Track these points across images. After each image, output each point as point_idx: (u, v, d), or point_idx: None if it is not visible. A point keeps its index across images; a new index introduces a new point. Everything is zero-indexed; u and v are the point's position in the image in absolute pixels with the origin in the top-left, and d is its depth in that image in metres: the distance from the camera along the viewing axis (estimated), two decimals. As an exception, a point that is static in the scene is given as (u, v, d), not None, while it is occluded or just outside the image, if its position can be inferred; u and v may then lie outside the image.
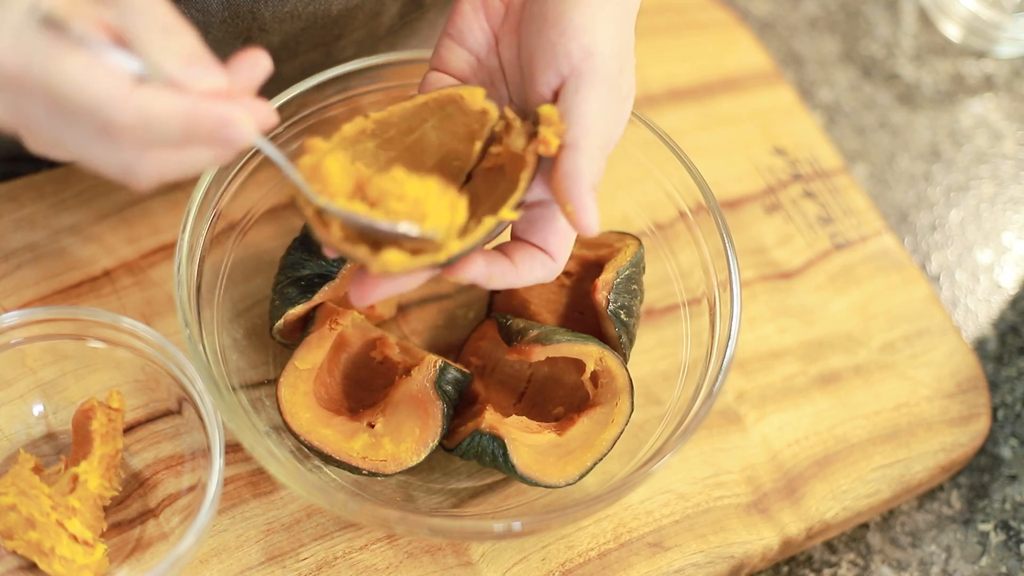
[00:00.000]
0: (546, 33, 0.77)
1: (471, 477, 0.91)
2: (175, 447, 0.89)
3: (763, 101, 1.15)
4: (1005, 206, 1.19)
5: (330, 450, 0.84)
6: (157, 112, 0.64)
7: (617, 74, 0.78)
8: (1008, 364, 1.09)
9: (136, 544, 0.86)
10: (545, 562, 0.89)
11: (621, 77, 0.78)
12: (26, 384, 0.89)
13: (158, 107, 0.64)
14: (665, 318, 0.96)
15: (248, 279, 0.93)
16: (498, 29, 0.82)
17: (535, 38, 0.78)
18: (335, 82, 0.90)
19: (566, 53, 0.76)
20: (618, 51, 0.78)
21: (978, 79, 1.26)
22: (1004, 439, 1.05)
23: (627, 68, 0.79)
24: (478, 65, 0.83)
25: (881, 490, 0.97)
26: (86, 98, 0.64)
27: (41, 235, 0.96)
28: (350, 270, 0.88)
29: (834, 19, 1.30)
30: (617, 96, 0.78)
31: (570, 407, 0.90)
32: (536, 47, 0.78)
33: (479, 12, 0.82)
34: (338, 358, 0.90)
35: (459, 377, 0.87)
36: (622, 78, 0.78)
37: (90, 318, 0.87)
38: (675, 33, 1.18)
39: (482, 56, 0.83)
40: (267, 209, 0.94)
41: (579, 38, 0.76)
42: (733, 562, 0.92)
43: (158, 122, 0.65)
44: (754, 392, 0.99)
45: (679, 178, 0.92)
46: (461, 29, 0.83)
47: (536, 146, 0.76)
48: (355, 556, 0.88)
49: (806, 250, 1.07)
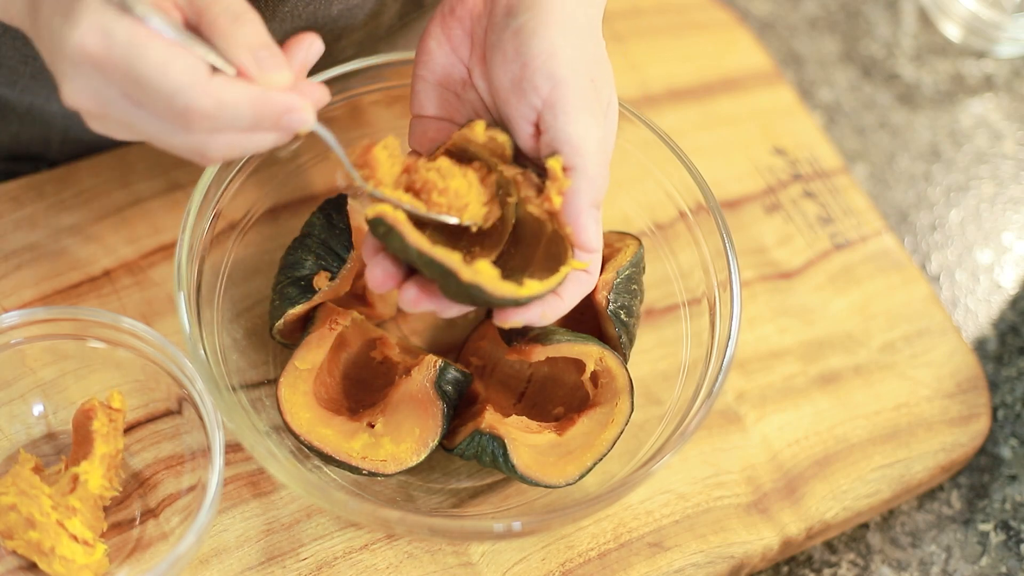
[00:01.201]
0: (509, 67, 0.77)
1: (471, 477, 0.91)
2: (175, 447, 0.89)
3: (763, 101, 1.15)
4: (1005, 206, 1.19)
5: (330, 450, 0.84)
6: (230, 100, 0.68)
7: (591, 88, 0.77)
8: (1008, 364, 1.09)
9: (136, 544, 0.86)
10: (545, 562, 0.89)
11: (597, 88, 0.78)
12: (26, 384, 0.89)
13: (231, 96, 0.68)
14: (665, 318, 0.96)
15: (248, 279, 0.93)
16: (468, 61, 0.82)
17: (500, 73, 0.78)
18: (335, 82, 0.90)
19: (533, 88, 0.76)
20: (586, 66, 0.77)
21: (978, 79, 1.26)
22: (1004, 439, 1.05)
23: (600, 77, 0.79)
24: (458, 102, 0.83)
25: (881, 490, 0.97)
26: (167, 83, 0.67)
27: (41, 235, 0.96)
28: (350, 270, 0.88)
29: (834, 19, 1.30)
30: (598, 108, 0.78)
31: (570, 407, 0.90)
32: (503, 83, 0.78)
33: (444, 47, 0.82)
34: (338, 358, 0.90)
35: (459, 377, 0.87)
36: (598, 89, 0.78)
37: (90, 318, 0.87)
38: (675, 33, 1.18)
39: (459, 91, 0.82)
40: (267, 209, 0.94)
41: (543, 68, 0.76)
42: (733, 562, 0.92)
43: (231, 109, 0.68)
44: (754, 392, 0.99)
45: (679, 178, 0.92)
46: (433, 69, 0.82)
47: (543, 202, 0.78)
48: (355, 556, 0.88)
49: (806, 250, 1.07)
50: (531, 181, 0.80)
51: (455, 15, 0.82)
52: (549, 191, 0.77)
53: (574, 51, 0.77)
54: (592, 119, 0.77)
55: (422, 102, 0.83)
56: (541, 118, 0.77)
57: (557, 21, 0.77)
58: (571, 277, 0.79)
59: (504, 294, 0.75)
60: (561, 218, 0.77)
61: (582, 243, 0.77)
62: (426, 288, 0.77)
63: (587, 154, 0.76)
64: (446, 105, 0.83)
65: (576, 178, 0.76)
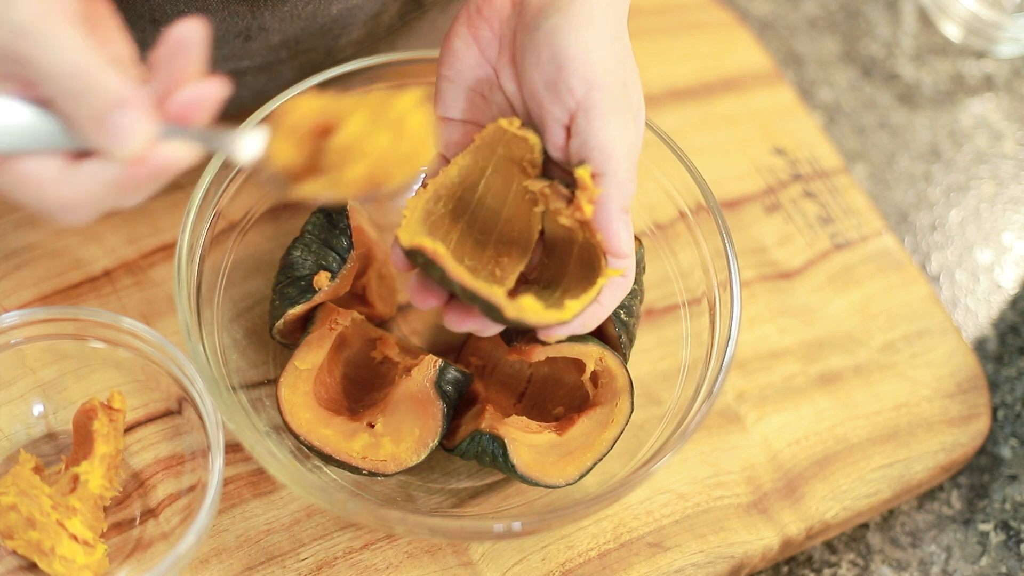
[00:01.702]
0: (543, 69, 0.76)
1: (471, 477, 0.91)
2: (175, 447, 0.89)
3: (763, 101, 1.15)
4: (1005, 206, 1.19)
5: (330, 450, 0.84)
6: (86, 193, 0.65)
7: (623, 93, 0.77)
8: (1008, 364, 1.09)
9: (136, 544, 0.86)
10: (545, 562, 0.89)
11: (628, 93, 0.77)
12: (26, 384, 0.89)
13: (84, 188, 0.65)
14: (665, 318, 0.96)
15: (248, 279, 0.93)
16: (496, 63, 0.81)
17: (533, 74, 0.77)
18: (335, 82, 0.90)
19: (568, 90, 0.76)
20: (618, 69, 0.77)
21: (978, 79, 1.26)
22: (1004, 439, 1.05)
23: (630, 81, 0.78)
24: (484, 103, 0.82)
25: (881, 490, 0.97)
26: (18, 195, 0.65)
27: (41, 235, 0.96)
28: (350, 270, 0.88)
29: (834, 19, 1.30)
30: (628, 112, 0.77)
31: (570, 407, 0.90)
32: (536, 85, 0.77)
33: (472, 48, 0.81)
34: (338, 358, 0.90)
35: (459, 377, 0.87)
36: (629, 93, 0.78)
37: (90, 318, 0.87)
38: (675, 33, 1.18)
39: (486, 93, 0.81)
40: (267, 209, 0.94)
41: (579, 72, 0.75)
42: (733, 562, 0.92)
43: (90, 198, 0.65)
44: (754, 392, 0.99)
45: (679, 178, 0.92)
46: (459, 70, 0.81)
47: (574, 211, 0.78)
48: (355, 556, 0.88)
49: (806, 250, 1.07)
50: (559, 193, 0.79)
51: (482, 15, 0.80)
52: (579, 200, 0.77)
53: (607, 54, 0.77)
54: (623, 123, 0.77)
55: (448, 104, 0.82)
56: (573, 121, 0.77)
57: (590, 23, 0.76)
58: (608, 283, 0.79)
59: (549, 321, 0.76)
60: (592, 225, 0.77)
61: (614, 249, 0.77)
62: (467, 310, 0.78)
63: (617, 159, 0.76)
64: (472, 107, 0.82)
65: (606, 184, 0.76)
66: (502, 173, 0.81)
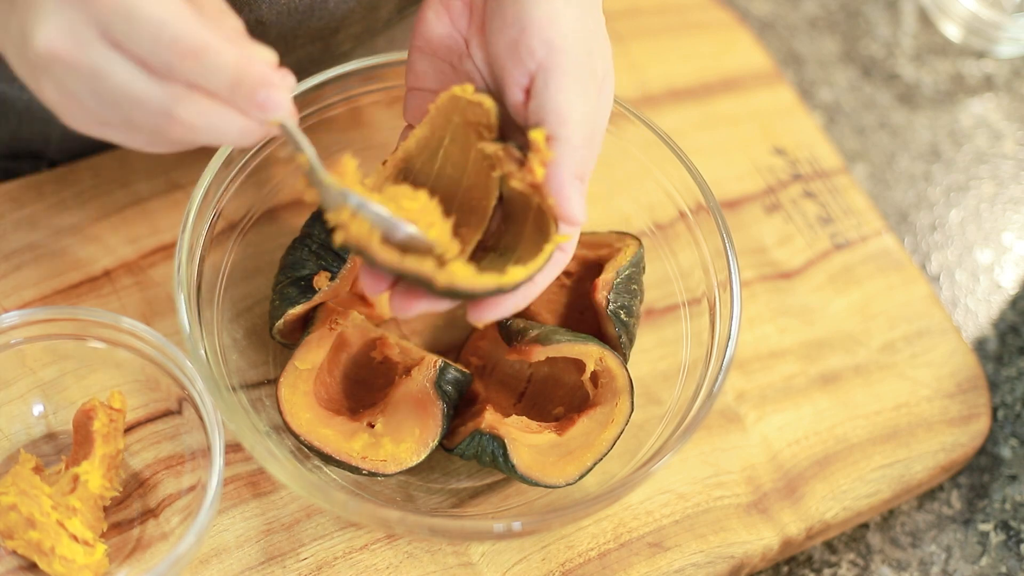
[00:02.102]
0: (507, 32, 0.76)
1: (471, 477, 0.91)
2: (175, 447, 0.89)
3: (763, 101, 1.15)
4: (1005, 206, 1.19)
5: (330, 450, 0.84)
6: (215, 47, 0.66)
7: (587, 59, 0.76)
8: (1008, 364, 1.09)
9: (136, 544, 0.86)
10: (545, 562, 0.89)
11: (592, 61, 0.77)
12: (26, 384, 0.89)
13: (217, 43, 0.66)
14: (665, 318, 0.96)
15: (248, 279, 0.93)
16: (466, 32, 0.81)
17: (498, 38, 0.77)
18: (334, 82, 0.90)
19: (529, 50, 0.76)
20: (584, 37, 0.77)
21: (978, 79, 1.26)
22: (1004, 439, 1.05)
23: (597, 51, 0.78)
24: (453, 73, 0.82)
25: (881, 490, 0.97)
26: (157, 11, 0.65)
27: (41, 235, 0.96)
28: (350, 270, 0.88)
29: (834, 19, 1.30)
30: (592, 81, 0.77)
31: (570, 407, 0.90)
32: (500, 47, 0.77)
33: (443, 18, 0.81)
34: (338, 358, 0.90)
35: (459, 377, 0.87)
36: (593, 61, 0.77)
37: (90, 318, 0.87)
38: (675, 33, 1.18)
39: (455, 62, 0.81)
40: (267, 209, 0.94)
41: (540, 33, 0.75)
42: (733, 562, 0.92)
43: (214, 57, 0.66)
44: (754, 392, 0.99)
45: (679, 178, 0.92)
46: (429, 39, 0.81)
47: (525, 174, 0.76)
48: (355, 556, 0.88)
49: (806, 250, 1.07)
50: (512, 155, 0.78)
51: None
52: (531, 162, 0.76)
53: (575, 21, 0.76)
54: (582, 90, 0.76)
55: (417, 73, 0.82)
56: (532, 83, 0.76)
57: None
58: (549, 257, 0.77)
59: (487, 287, 0.74)
60: (544, 189, 0.76)
61: (565, 214, 0.75)
62: (412, 291, 0.75)
63: (573, 124, 0.75)
64: (441, 76, 0.82)
65: (559, 148, 0.75)
66: (460, 141, 0.81)
